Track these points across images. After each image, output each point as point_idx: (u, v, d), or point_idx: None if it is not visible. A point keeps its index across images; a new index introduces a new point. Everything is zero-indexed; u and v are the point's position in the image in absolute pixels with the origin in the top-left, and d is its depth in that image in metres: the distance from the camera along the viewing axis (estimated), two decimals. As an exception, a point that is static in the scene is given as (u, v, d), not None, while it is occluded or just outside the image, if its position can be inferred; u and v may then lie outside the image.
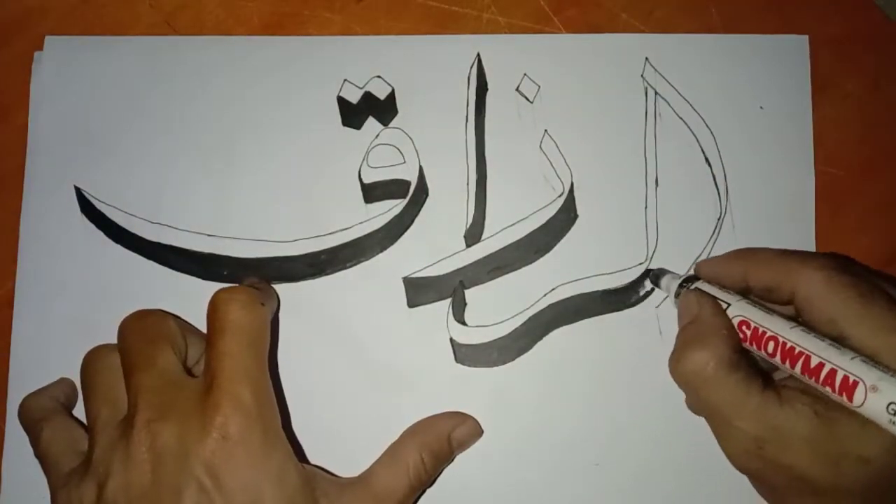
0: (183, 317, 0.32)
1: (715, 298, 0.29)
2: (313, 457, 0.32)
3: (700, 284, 0.31)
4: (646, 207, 0.34)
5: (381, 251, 0.34)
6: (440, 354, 0.33)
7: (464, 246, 0.34)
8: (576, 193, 0.34)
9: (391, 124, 0.35)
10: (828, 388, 0.25)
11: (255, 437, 0.26)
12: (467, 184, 0.34)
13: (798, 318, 0.28)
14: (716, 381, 0.27)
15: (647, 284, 0.34)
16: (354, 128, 0.35)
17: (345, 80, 0.35)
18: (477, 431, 0.32)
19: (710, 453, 0.33)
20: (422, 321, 0.34)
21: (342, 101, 0.35)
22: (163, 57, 0.35)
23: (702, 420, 0.33)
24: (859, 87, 0.36)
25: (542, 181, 0.35)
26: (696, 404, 0.29)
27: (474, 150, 0.35)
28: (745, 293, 0.30)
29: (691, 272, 0.33)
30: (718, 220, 0.34)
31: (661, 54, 0.35)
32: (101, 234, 0.34)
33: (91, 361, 0.30)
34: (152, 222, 0.34)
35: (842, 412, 0.25)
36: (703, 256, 0.34)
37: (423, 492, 0.30)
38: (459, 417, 0.32)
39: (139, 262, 0.34)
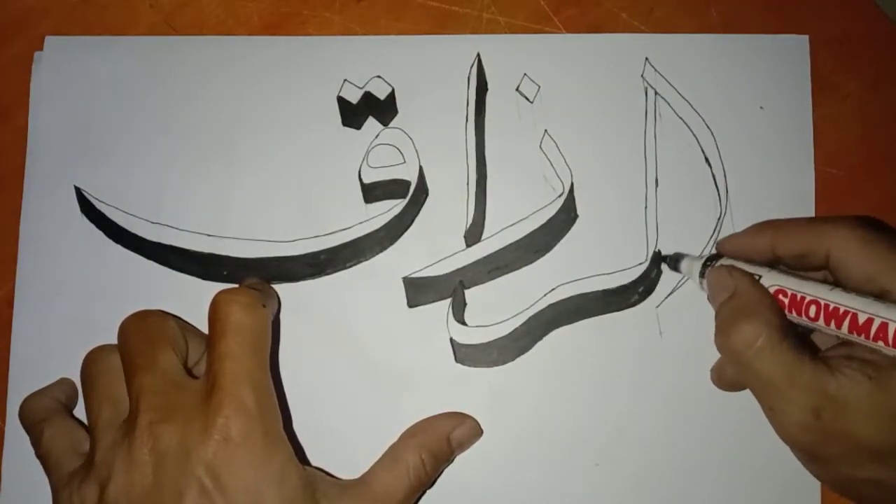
0: (183, 317, 0.32)
1: (747, 272, 0.29)
2: (314, 457, 0.32)
3: (724, 261, 0.31)
4: (646, 207, 0.34)
5: (381, 251, 0.34)
6: (440, 354, 0.33)
7: (464, 246, 0.34)
8: (576, 193, 0.34)
9: (391, 124, 0.35)
10: (880, 343, 0.25)
11: (257, 439, 0.26)
12: (467, 184, 0.34)
13: (832, 283, 0.28)
14: (768, 352, 0.27)
15: (644, 287, 0.34)
16: (354, 128, 0.35)
17: (345, 80, 0.35)
18: (477, 432, 0.32)
19: (710, 453, 0.33)
20: (422, 321, 0.34)
21: (342, 101, 0.35)
22: (163, 57, 0.35)
23: (701, 420, 0.33)
24: (859, 87, 0.36)
25: (542, 181, 0.35)
26: (748, 378, 0.28)
27: (474, 150, 0.35)
28: (772, 265, 0.30)
29: (712, 251, 0.33)
30: (718, 220, 0.34)
31: (661, 54, 0.35)
32: (101, 234, 0.34)
33: (92, 362, 0.30)
34: (152, 222, 0.34)
35: (892, 371, 0.25)
36: (704, 256, 0.34)
37: (424, 492, 0.31)
38: (459, 418, 0.32)
39: (139, 262, 0.34)
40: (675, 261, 0.33)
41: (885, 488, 0.27)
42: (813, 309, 0.27)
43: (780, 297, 0.28)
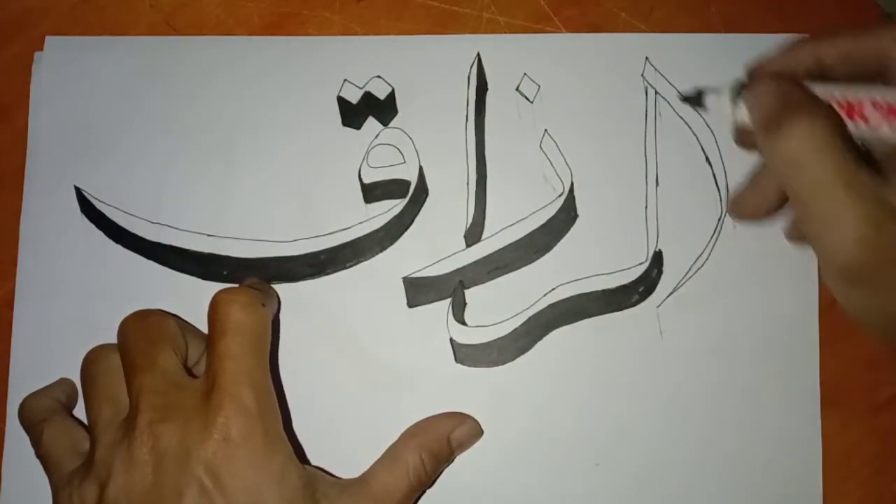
0: (183, 317, 0.32)
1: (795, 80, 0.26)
2: (313, 456, 0.32)
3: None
4: (646, 207, 0.34)
5: (381, 251, 0.34)
6: (440, 354, 0.33)
7: (464, 246, 0.34)
8: (576, 193, 0.34)
9: (391, 124, 0.35)
10: None
11: (257, 439, 0.26)
12: (467, 184, 0.34)
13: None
14: (827, 150, 0.24)
15: (644, 287, 0.34)
16: (354, 128, 0.35)
17: (345, 80, 0.35)
18: (477, 432, 0.32)
19: (710, 453, 0.33)
20: (422, 321, 0.34)
21: (342, 101, 0.35)
22: (163, 57, 0.35)
23: (701, 420, 0.33)
24: (859, 86, 0.36)
25: (542, 181, 0.35)
26: (801, 185, 0.24)
27: (474, 150, 0.35)
28: (815, 79, 0.27)
29: (743, 80, 0.28)
30: (719, 220, 0.34)
31: (661, 54, 0.35)
32: (101, 234, 0.34)
33: (91, 362, 0.30)
34: (152, 222, 0.34)
35: None
36: (704, 256, 0.34)
37: (423, 492, 0.31)
38: (459, 418, 0.32)
39: (139, 262, 0.34)
40: (698, 96, 0.29)
41: None
42: (870, 109, 0.24)
43: (833, 104, 0.25)
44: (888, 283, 0.24)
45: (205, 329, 0.29)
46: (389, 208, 0.34)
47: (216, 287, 0.29)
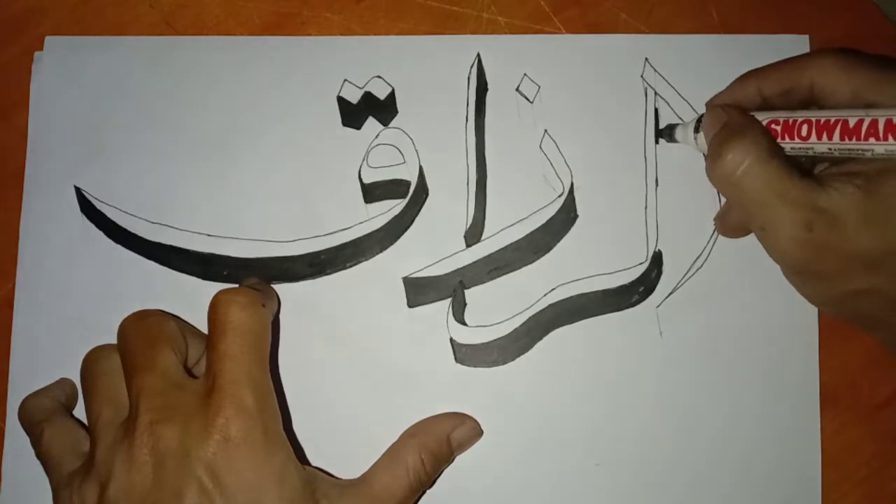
0: (183, 317, 0.32)
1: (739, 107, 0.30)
2: (313, 457, 0.32)
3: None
4: (646, 207, 0.34)
5: (381, 251, 0.34)
6: (440, 354, 0.33)
7: (464, 246, 0.34)
8: (576, 193, 0.34)
9: (391, 124, 0.35)
10: (871, 140, 0.26)
11: (257, 439, 0.26)
12: (467, 184, 0.34)
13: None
14: (758, 168, 0.27)
15: (644, 287, 0.34)
16: (354, 128, 0.35)
17: (345, 80, 0.35)
18: (477, 432, 0.32)
19: (710, 453, 0.33)
20: (422, 321, 0.34)
21: (342, 101, 0.35)
22: (163, 57, 0.35)
23: (702, 420, 0.33)
24: (859, 87, 0.36)
25: (542, 181, 0.35)
26: (739, 200, 0.29)
27: (474, 150, 0.35)
28: (762, 109, 0.31)
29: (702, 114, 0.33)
30: (718, 220, 0.34)
31: (661, 54, 0.35)
32: (101, 234, 0.34)
33: (91, 362, 0.30)
34: (152, 222, 0.34)
35: (880, 178, 0.26)
36: (703, 256, 0.34)
37: (423, 492, 0.31)
38: (459, 418, 0.32)
39: (139, 262, 0.34)
40: (669, 131, 0.34)
41: (879, 297, 0.28)
42: (805, 128, 0.28)
43: (773, 126, 0.29)
44: (825, 273, 0.28)
45: (205, 329, 0.29)
46: (389, 208, 0.34)
47: (216, 287, 0.29)
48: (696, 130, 0.32)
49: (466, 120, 0.35)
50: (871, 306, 0.28)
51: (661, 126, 0.34)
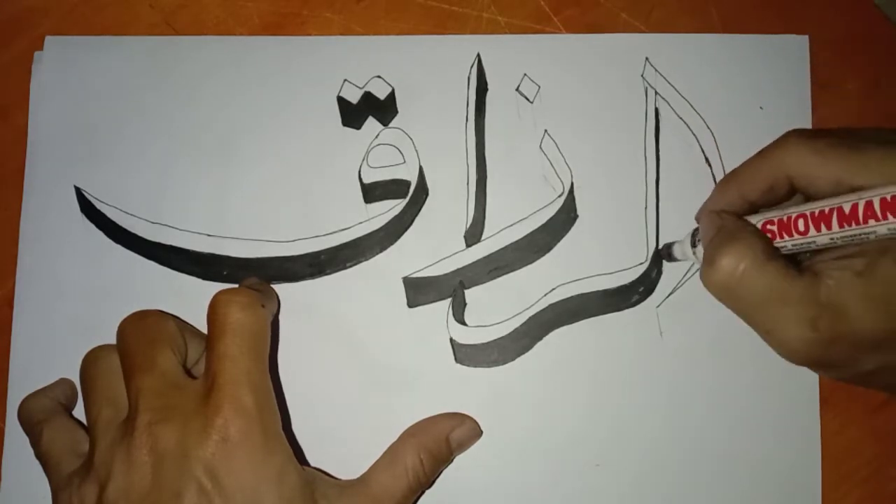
0: (183, 317, 0.32)
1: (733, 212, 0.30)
2: (313, 457, 0.32)
3: None
4: (646, 207, 0.34)
5: (381, 251, 0.34)
6: (440, 354, 0.33)
7: (464, 246, 0.34)
8: (576, 193, 0.34)
9: (391, 124, 0.35)
10: (871, 221, 0.25)
11: (256, 440, 0.26)
12: (467, 184, 0.34)
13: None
14: (755, 273, 0.27)
15: (644, 287, 0.34)
16: (354, 128, 0.35)
17: (345, 80, 0.35)
18: (476, 432, 0.32)
19: (710, 453, 0.33)
20: (422, 321, 0.34)
21: (342, 101, 0.35)
22: (163, 57, 0.35)
23: (701, 420, 0.33)
24: (859, 87, 0.36)
25: (542, 181, 0.35)
26: (738, 307, 0.28)
27: (474, 150, 0.35)
28: (750, 212, 0.30)
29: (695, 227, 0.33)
30: (718, 220, 0.34)
31: (661, 54, 0.35)
32: (101, 234, 0.34)
33: (91, 362, 0.30)
34: (152, 222, 0.34)
35: (879, 260, 0.26)
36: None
37: (423, 493, 0.31)
38: (458, 418, 0.32)
39: (139, 262, 0.34)
40: (667, 250, 0.33)
41: (892, 372, 0.27)
42: (801, 222, 0.27)
43: (769, 227, 0.28)
44: (836, 362, 0.27)
45: (205, 329, 0.29)
46: (389, 208, 0.34)
47: (216, 287, 0.29)
48: (693, 245, 0.31)
49: (466, 120, 0.35)
50: (887, 379, 0.28)
51: (660, 247, 0.34)
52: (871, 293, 0.26)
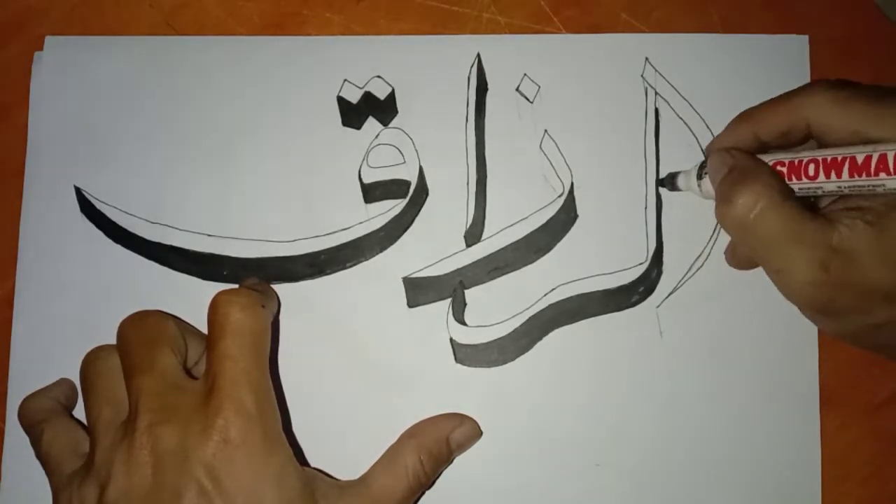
0: (183, 317, 0.32)
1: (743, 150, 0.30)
2: (313, 458, 0.32)
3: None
4: (646, 207, 0.34)
5: (381, 251, 0.34)
6: (440, 354, 0.33)
7: (464, 246, 0.34)
8: (576, 193, 0.34)
9: (391, 124, 0.35)
10: (882, 175, 0.26)
11: (256, 440, 0.26)
12: (467, 184, 0.34)
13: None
14: (771, 212, 0.27)
15: (644, 287, 0.34)
16: (354, 128, 0.35)
17: (345, 80, 0.35)
18: (476, 433, 0.32)
19: (711, 453, 0.33)
20: (422, 321, 0.34)
21: (342, 101, 0.35)
22: (163, 57, 0.35)
23: (701, 420, 0.33)
24: (859, 87, 0.36)
25: (542, 181, 0.35)
26: (752, 243, 0.28)
27: (474, 150, 0.35)
28: (761, 151, 0.30)
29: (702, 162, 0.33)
30: (718, 220, 0.34)
31: (661, 54, 0.35)
32: (101, 234, 0.34)
33: (91, 362, 0.30)
34: (152, 223, 0.34)
35: (889, 213, 0.26)
36: (703, 256, 0.34)
37: (423, 493, 0.31)
38: (458, 419, 0.32)
39: (139, 262, 0.34)
40: (671, 179, 0.33)
41: None
42: (812, 167, 0.28)
43: (779, 167, 0.29)
44: (844, 309, 0.27)
45: (205, 329, 0.29)
46: (389, 208, 0.34)
47: (216, 287, 0.30)
48: (699, 177, 0.32)
49: (466, 120, 0.35)
50: (893, 336, 0.28)
51: (662, 175, 0.34)
52: (885, 245, 0.26)
